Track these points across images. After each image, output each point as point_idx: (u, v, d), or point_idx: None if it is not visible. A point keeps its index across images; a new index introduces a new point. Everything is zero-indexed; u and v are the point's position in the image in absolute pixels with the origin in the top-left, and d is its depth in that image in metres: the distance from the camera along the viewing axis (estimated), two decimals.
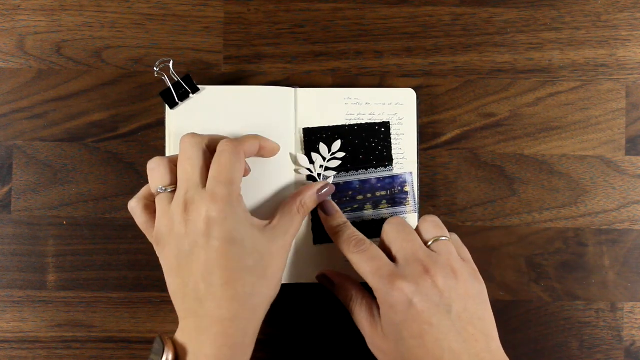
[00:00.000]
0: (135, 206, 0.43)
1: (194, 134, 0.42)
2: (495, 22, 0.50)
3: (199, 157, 0.41)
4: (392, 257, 0.42)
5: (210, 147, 0.42)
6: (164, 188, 0.42)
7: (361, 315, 0.43)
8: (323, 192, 0.45)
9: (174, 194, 0.41)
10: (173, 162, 0.43)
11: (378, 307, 0.42)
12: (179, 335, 0.39)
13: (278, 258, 0.42)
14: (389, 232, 0.43)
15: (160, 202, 0.42)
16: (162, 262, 0.42)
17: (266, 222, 0.43)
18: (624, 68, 0.50)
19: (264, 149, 0.44)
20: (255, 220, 0.42)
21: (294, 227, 0.43)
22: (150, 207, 0.43)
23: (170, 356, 0.38)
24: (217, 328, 0.38)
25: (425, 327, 0.39)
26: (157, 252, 0.42)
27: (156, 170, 0.42)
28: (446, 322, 0.39)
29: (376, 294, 0.41)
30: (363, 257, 0.42)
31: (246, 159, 0.44)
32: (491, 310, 0.41)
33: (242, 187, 0.46)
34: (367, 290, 0.43)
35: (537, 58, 0.50)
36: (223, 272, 0.39)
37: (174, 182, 0.42)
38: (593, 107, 0.50)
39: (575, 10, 0.50)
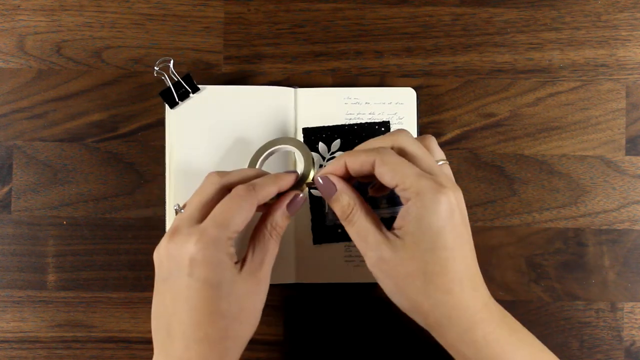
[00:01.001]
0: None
1: (219, 173, 0.41)
2: (495, 22, 0.50)
3: (209, 195, 0.40)
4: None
5: (230, 187, 0.41)
6: (179, 206, 0.41)
7: (367, 226, 0.39)
8: (293, 205, 0.42)
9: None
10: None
11: (378, 221, 0.39)
12: None
13: (255, 296, 0.40)
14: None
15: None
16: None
17: (241, 260, 0.40)
18: (624, 68, 0.50)
19: (285, 198, 0.42)
20: (235, 259, 0.39)
21: (270, 255, 0.41)
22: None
23: None
24: None
25: (458, 240, 0.37)
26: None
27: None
28: (468, 238, 0.39)
29: (416, 197, 0.37)
30: (403, 161, 0.38)
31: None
32: None
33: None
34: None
35: (537, 58, 0.50)
36: (194, 313, 0.37)
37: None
38: (593, 107, 0.50)
39: (575, 10, 0.50)
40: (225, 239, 0.38)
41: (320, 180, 0.41)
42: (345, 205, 0.40)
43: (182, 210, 0.40)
